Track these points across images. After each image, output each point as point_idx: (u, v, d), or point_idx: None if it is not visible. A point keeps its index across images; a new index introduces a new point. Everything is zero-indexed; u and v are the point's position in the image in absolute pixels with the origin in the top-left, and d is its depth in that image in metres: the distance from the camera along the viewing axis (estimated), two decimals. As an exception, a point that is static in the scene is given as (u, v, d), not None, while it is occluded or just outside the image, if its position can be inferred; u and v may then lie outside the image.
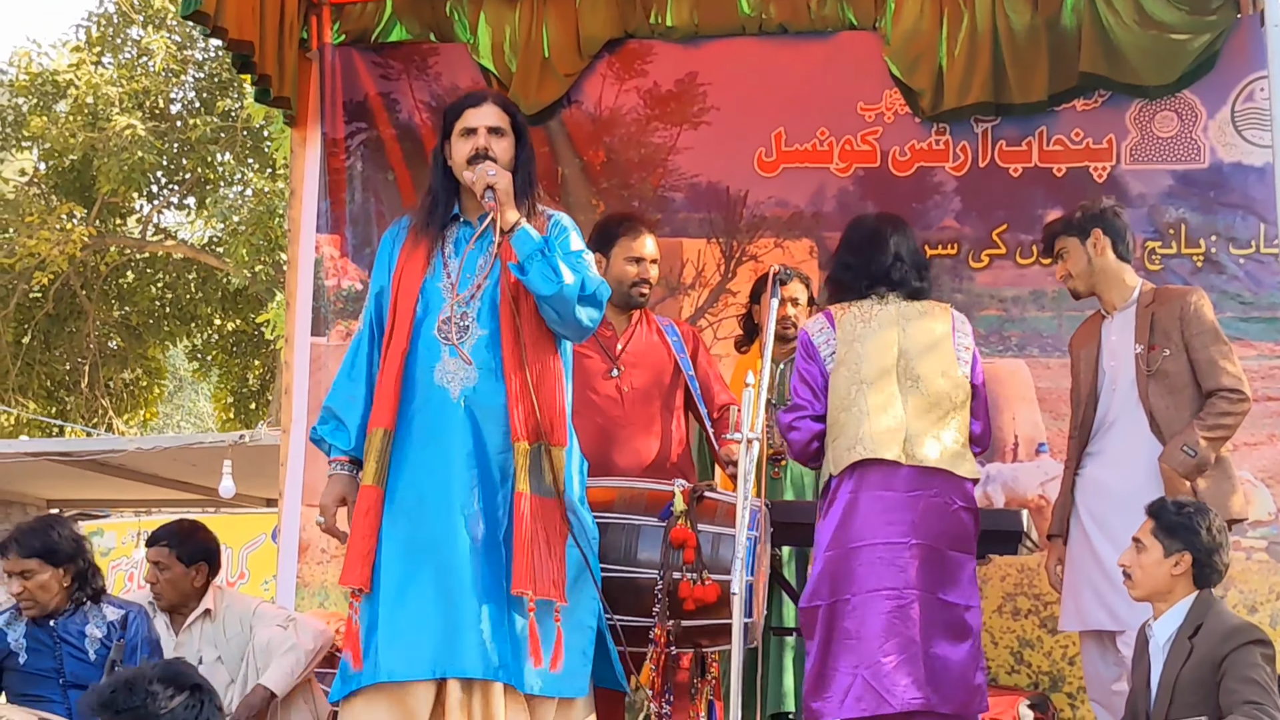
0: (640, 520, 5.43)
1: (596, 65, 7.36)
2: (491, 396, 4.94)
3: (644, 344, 5.99)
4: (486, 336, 4.95)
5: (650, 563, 5.36)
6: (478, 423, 4.94)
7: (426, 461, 4.94)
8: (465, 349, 4.93)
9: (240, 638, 6.10)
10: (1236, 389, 5.57)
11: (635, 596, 5.36)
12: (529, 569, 4.85)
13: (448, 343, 4.93)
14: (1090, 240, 5.77)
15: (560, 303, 4.88)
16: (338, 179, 7.46)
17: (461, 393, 4.94)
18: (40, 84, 19.99)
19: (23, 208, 18.93)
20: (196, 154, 19.71)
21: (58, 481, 12.39)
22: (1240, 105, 6.84)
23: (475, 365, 4.92)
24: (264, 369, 20.33)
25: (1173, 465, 5.55)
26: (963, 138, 7.07)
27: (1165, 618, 4.95)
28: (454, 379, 4.94)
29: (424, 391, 4.97)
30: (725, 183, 7.24)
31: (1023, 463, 6.89)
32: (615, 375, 5.92)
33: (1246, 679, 4.67)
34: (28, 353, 19.77)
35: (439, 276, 4.99)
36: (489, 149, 5.00)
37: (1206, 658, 4.77)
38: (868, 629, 5.11)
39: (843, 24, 7.17)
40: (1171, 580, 4.93)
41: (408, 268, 5.04)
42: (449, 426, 4.95)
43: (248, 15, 6.76)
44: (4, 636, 5.72)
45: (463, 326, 4.95)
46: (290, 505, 7.38)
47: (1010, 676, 6.83)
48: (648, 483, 5.60)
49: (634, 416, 5.87)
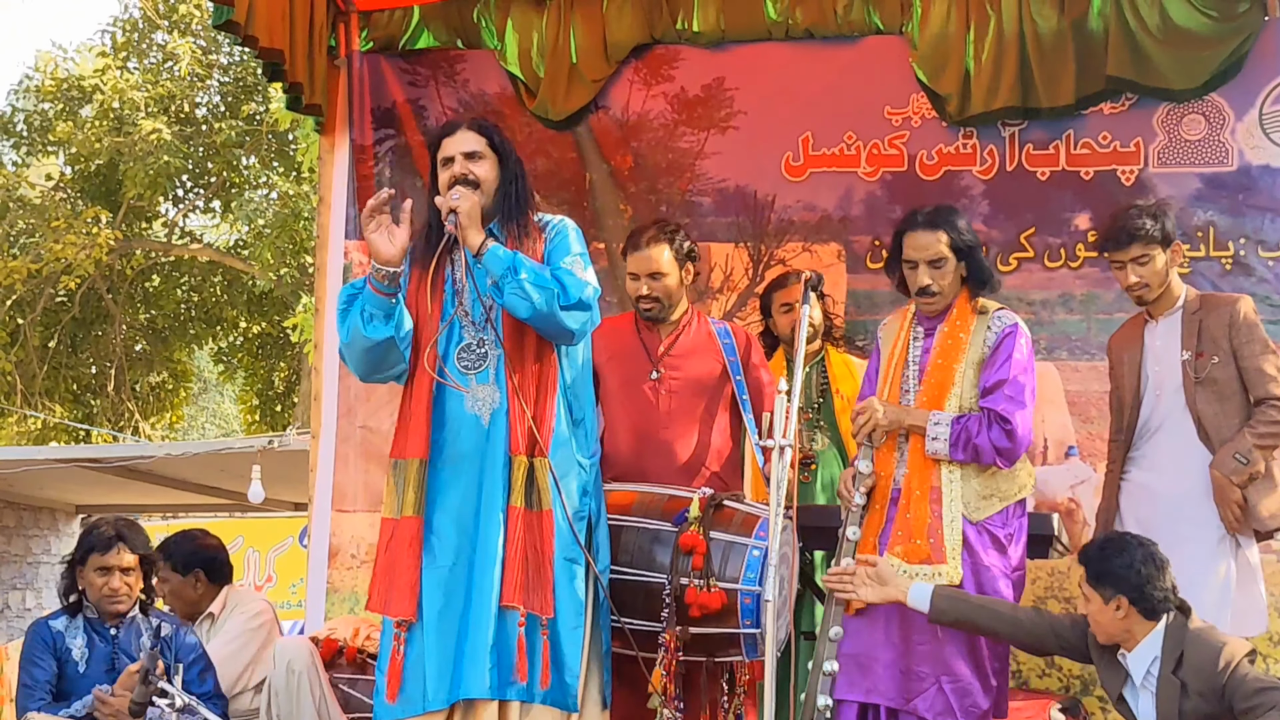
0: (655, 525, 5.43)
1: (624, 71, 7.36)
2: (507, 416, 4.99)
3: (690, 346, 5.94)
4: (501, 356, 5.00)
5: (663, 567, 5.37)
6: (503, 441, 5.00)
7: (468, 489, 5.00)
8: (490, 375, 4.98)
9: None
10: None
11: (646, 600, 5.37)
12: (518, 584, 4.90)
13: (472, 370, 4.99)
14: (1171, 250, 5.75)
15: (539, 320, 4.94)
16: (366, 185, 7.46)
17: (491, 415, 4.98)
18: (66, 89, 20.06)
19: (49, 212, 18.98)
20: (222, 158, 19.76)
21: (87, 487, 12.42)
22: (1269, 108, 6.83)
23: (498, 386, 4.97)
24: (289, 371, 20.37)
25: (1225, 472, 5.56)
26: (990, 141, 7.06)
27: (1138, 651, 4.94)
28: (484, 405, 5.00)
29: (456, 420, 5.02)
30: (753, 187, 7.23)
31: (1052, 466, 6.88)
32: (655, 377, 5.89)
33: (1256, 690, 4.69)
34: (54, 357, 19.84)
35: (454, 303, 5.04)
36: (467, 174, 5.05)
37: (1206, 691, 4.79)
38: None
39: (869, 29, 7.18)
40: (1121, 623, 4.93)
41: (423, 296, 5.10)
42: (483, 450, 5.01)
43: (278, 24, 6.78)
44: (63, 640, 5.74)
45: (481, 353, 5.00)
46: (320, 511, 7.40)
47: (1041, 680, 6.82)
48: (670, 489, 5.59)
49: (671, 420, 5.84)
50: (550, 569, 4.96)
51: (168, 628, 5.84)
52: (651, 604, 5.34)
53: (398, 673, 4.95)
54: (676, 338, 6.00)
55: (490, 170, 5.10)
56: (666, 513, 5.45)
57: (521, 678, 4.88)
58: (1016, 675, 6.86)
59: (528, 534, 4.94)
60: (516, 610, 4.88)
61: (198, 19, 19.50)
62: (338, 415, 7.39)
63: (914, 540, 5.07)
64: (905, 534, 5.09)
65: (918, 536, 5.06)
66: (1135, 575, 4.87)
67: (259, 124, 19.12)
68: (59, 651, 5.71)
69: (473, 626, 4.89)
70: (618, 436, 5.93)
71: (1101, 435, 6.29)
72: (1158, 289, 5.80)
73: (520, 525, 4.94)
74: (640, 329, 5.99)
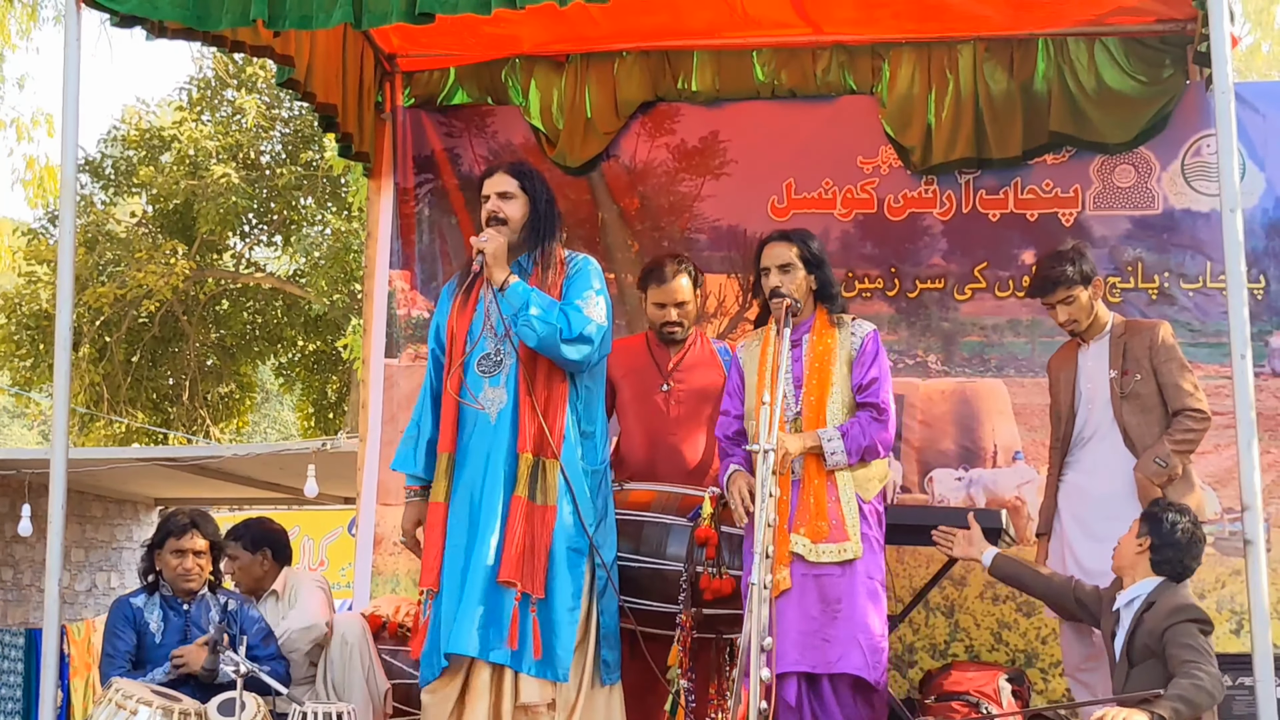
0: (671, 520, 5.45)
1: (632, 124, 7.36)
2: (515, 417, 5.02)
3: (695, 361, 6.02)
4: (514, 365, 5.05)
5: (677, 557, 5.40)
6: (506, 439, 5.07)
7: (476, 476, 5.10)
8: (502, 379, 5.05)
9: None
10: (1199, 409, 5.65)
11: (662, 585, 5.40)
12: (515, 562, 4.93)
13: (487, 375, 5.06)
14: (1092, 288, 5.82)
15: (543, 349, 5.06)
16: (408, 223, 7.48)
17: (499, 414, 5.03)
18: (148, 138, 20.08)
19: (133, 245, 19.00)
20: (283, 199, 19.79)
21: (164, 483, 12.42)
22: (1189, 159, 6.84)
23: (506, 390, 5.03)
24: (340, 384, 20.35)
25: (1146, 474, 5.60)
26: (948, 188, 7.07)
27: (1127, 591, 5.05)
28: (493, 404, 5.07)
29: (473, 418, 5.13)
30: (743, 226, 7.22)
31: (1001, 468, 6.88)
32: (666, 390, 5.95)
33: (1185, 645, 4.74)
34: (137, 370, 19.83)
35: (481, 319, 5.11)
36: (498, 211, 5.13)
37: (1153, 630, 4.85)
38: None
39: (844, 89, 7.17)
40: (1135, 557, 5.05)
41: (459, 318, 5.24)
42: (491, 444, 5.10)
43: (332, 82, 6.79)
44: (142, 615, 5.74)
45: (497, 361, 5.10)
46: (366, 504, 7.40)
47: (991, 654, 6.82)
48: (685, 488, 5.64)
49: (679, 427, 5.90)
50: (546, 557, 5.02)
51: (233, 603, 5.85)
52: (668, 588, 5.39)
53: (421, 638, 5.10)
54: (684, 355, 6.05)
55: (519, 209, 5.18)
56: (682, 510, 5.48)
57: (511, 645, 4.93)
58: (970, 649, 6.87)
59: (528, 523, 5.00)
60: (513, 587, 4.92)
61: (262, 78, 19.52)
62: (382, 421, 7.39)
63: (816, 522, 5.11)
64: (808, 516, 5.11)
65: (819, 519, 5.12)
66: (1170, 532, 5.00)
67: (315, 169, 19.14)
68: (138, 625, 5.72)
69: (467, 595, 4.95)
70: (633, 441, 5.97)
71: (1044, 442, 6.30)
72: (1086, 321, 5.87)
73: (522, 514, 5.01)
74: (652, 347, 6.06)
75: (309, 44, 6.47)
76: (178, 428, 19.91)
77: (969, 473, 6.89)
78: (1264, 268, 6.74)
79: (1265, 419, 6.57)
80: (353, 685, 5.91)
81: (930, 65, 7.01)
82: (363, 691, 5.94)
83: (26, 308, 19.35)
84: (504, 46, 7.30)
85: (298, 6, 5.24)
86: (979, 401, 6.95)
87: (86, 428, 19.85)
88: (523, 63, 7.40)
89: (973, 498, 6.84)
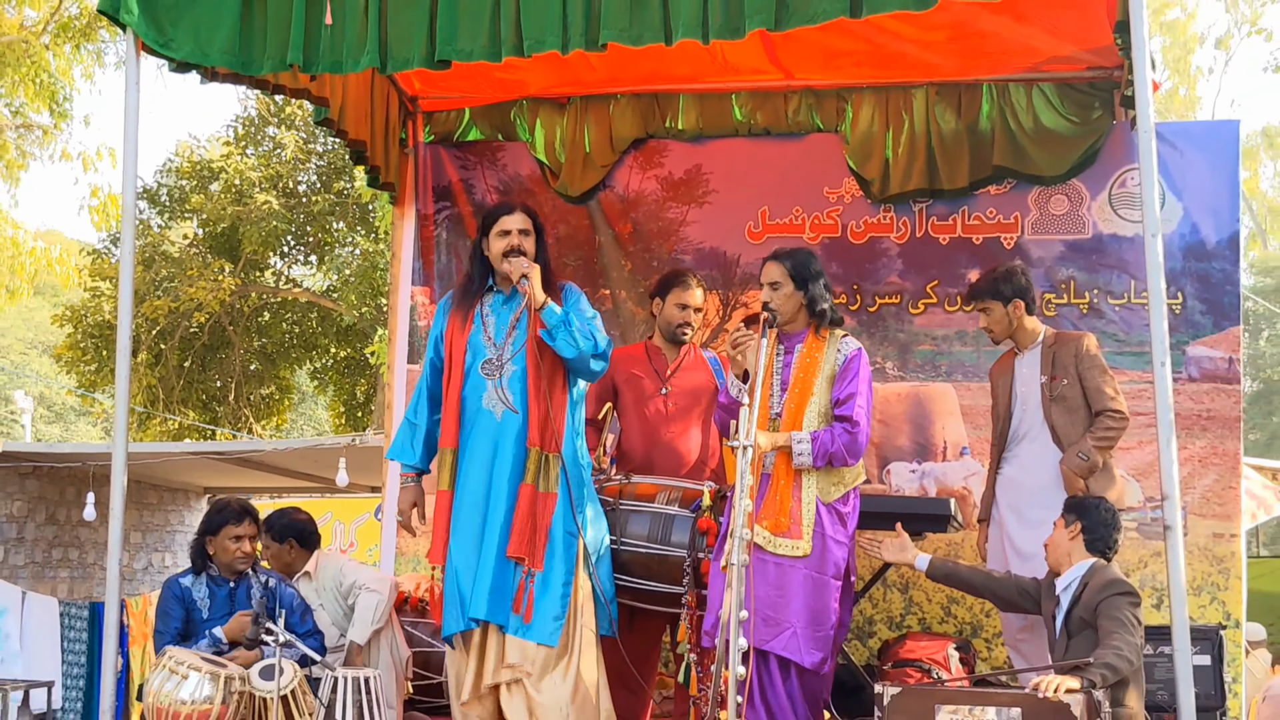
0: (674, 511, 5.45)
1: (625, 159, 7.36)
2: (522, 415, 5.06)
3: (689, 369, 6.05)
4: (518, 372, 5.09)
5: (680, 544, 5.40)
6: (512, 434, 5.12)
7: (481, 467, 5.15)
8: (505, 382, 5.11)
9: (334, 591, 6.13)
10: (1118, 410, 5.66)
11: (667, 569, 5.40)
12: (522, 542, 4.98)
13: (491, 378, 5.10)
14: (1011, 306, 5.84)
15: (578, 360, 5.14)
16: (428, 245, 7.48)
17: (504, 414, 5.09)
18: (199, 169, 20.05)
19: (185, 264, 18.98)
20: (317, 223, 19.75)
21: (212, 474, 12.40)
22: (1116, 190, 6.86)
23: (511, 393, 5.07)
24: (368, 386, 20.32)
25: (1071, 467, 5.61)
26: (904, 215, 7.07)
27: (1065, 575, 5.03)
28: (498, 404, 5.13)
29: (475, 415, 5.20)
30: (723, 248, 7.23)
31: (950, 462, 6.89)
32: (664, 393, 5.98)
33: (1112, 618, 4.76)
34: (188, 374, 19.80)
35: (480, 331, 5.16)
36: (520, 245, 5.16)
37: (1088, 604, 4.86)
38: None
39: (812, 128, 7.18)
40: (1069, 544, 5.03)
41: (457, 329, 5.28)
42: (496, 439, 5.15)
43: (362, 120, 6.80)
44: (191, 593, 5.73)
45: (499, 366, 5.12)
46: (391, 493, 7.36)
47: (941, 625, 6.82)
48: (685, 482, 5.64)
49: (676, 427, 5.94)
50: (545, 537, 5.07)
51: (273, 582, 5.84)
52: (672, 571, 5.40)
53: (437, 605, 5.23)
54: (680, 361, 6.08)
55: (532, 245, 5.26)
56: (685, 502, 5.48)
57: (515, 611, 5.04)
58: (922, 621, 6.87)
59: (532, 507, 5.08)
60: (521, 562, 4.97)
61: (300, 116, 19.51)
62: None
63: (778, 517, 5.08)
64: (772, 510, 5.09)
65: (781, 515, 5.09)
66: (1097, 515, 5.02)
67: (346, 197, 19.12)
68: (187, 602, 5.71)
69: (481, 569, 5.02)
70: (634, 439, 5.99)
71: (988, 439, 6.30)
72: (1001, 333, 5.96)
73: (528, 499, 5.07)
74: (650, 356, 6.10)
75: (341, 87, 6.47)
76: (224, 425, 19.89)
77: (922, 466, 6.91)
78: (1181, 285, 6.75)
79: (1182, 418, 6.58)
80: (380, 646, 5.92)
81: (888, 107, 7.02)
82: (387, 658, 5.94)
83: (91, 319, 19.33)
84: (513, 89, 7.31)
85: (330, 53, 5.22)
86: (930, 403, 6.96)
87: (144, 425, 19.82)
88: (529, 104, 7.41)
89: (925, 488, 6.85)
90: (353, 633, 5.94)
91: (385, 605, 6.00)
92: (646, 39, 4.95)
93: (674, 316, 6.08)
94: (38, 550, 11.31)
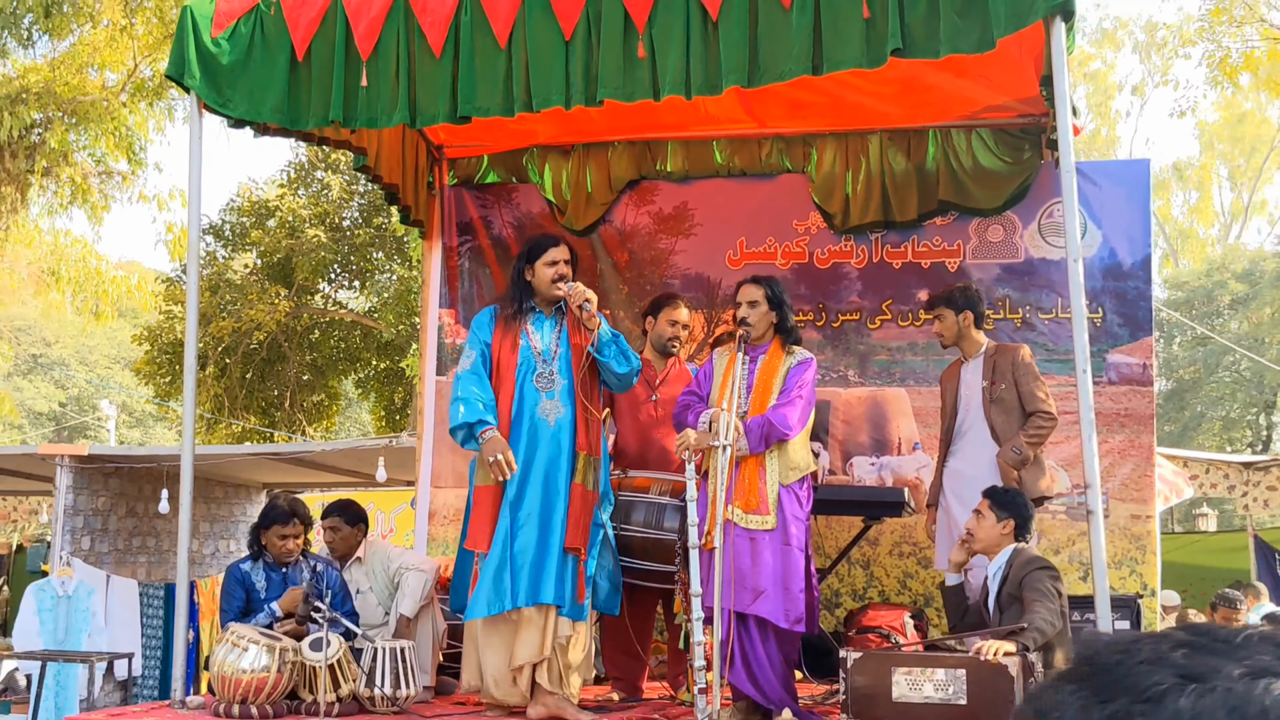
0: (665, 500, 5.46)
1: (622, 197, 7.38)
2: (572, 424, 5.02)
3: (675, 379, 6.06)
4: (566, 385, 5.05)
5: (672, 529, 5.41)
6: (564, 441, 5.04)
7: (540, 470, 5.05)
8: (558, 394, 5.04)
9: (383, 574, 6.11)
10: (1048, 412, 5.66)
11: (660, 550, 5.41)
12: (579, 534, 4.94)
13: (544, 390, 5.04)
14: (961, 315, 5.84)
15: (627, 374, 5.14)
16: (453, 273, 7.49)
17: (556, 421, 5.03)
18: (257, 208, 20.05)
19: (246, 290, 18.97)
20: (360, 253, 19.74)
21: (270, 471, 12.39)
22: (1044, 220, 6.87)
23: (562, 404, 5.02)
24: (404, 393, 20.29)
25: (1006, 460, 5.62)
26: (862, 243, 7.09)
27: (995, 561, 5.00)
28: (551, 414, 5.05)
29: (531, 423, 5.08)
30: (707, 273, 7.25)
31: (904, 456, 6.90)
32: (654, 399, 5.97)
33: (1034, 589, 4.76)
34: (249, 384, 19.77)
35: (528, 346, 5.09)
36: (568, 275, 5.14)
37: (1014, 579, 4.85)
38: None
39: (782, 169, 7.21)
40: (1000, 538, 4.99)
41: (506, 343, 5.17)
42: (550, 445, 5.07)
43: (395, 166, 6.82)
44: (250, 577, 5.71)
45: (549, 379, 5.06)
46: (423, 487, 7.41)
47: (898, 597, 6.82)
48: (674, 475, 5.64)
49: (664, 428, 5.92)
50: (589, 529, 5.03)
51: (320, 566, 5.83)
52: (665, 553, 5.40)
53: (473, 585, 5.08)
54: (667, 373, 6.07)
55: (572, 274, 5.19)
56: (675, 493, 5.49)
57: (579, 598, 5.01)
58: (881, 593, 6.87)
59: (582, 503, 5.01)
60: (577, 553, 4.94)
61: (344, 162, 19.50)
62: (434, 424, 7.39)
63: (748, 496, 5.07)
64: (742, 491, 5.08)
65: (750, 495, 5.08)
66: (1026, 511, 5.01)
67: (385, 231, 19.11)
68: (247, 584, 5.70)
69: (548, 560, 4.96)
70: (628, 438, 6.00)
71: (937, 435, 6.31)
72: (950, 339, 5.94)
73: (579, 498, 5.00)
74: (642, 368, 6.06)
75: (376, 138, 6.50)
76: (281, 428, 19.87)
77: (880, 459, 6.91)
78: (1101, 301, 6.76)
79: (1103, 416, 6.59)
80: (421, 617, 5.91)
81: (847, 150, 7.04)
82: (428, 630, 5.93)
83: (165, 338, 19.30)
84: (525, 139, 7.34)
85: (366, 111, 5.24)
86: (887, 405, 6.97)
87: (212, 429, 19.80)
88: (539, 151, 7.43)
89: (883, 479, 6.85)
90: (402, 606, 5.93)
91: (431, 584, 6.00)
92: (638, 96, 4.97)
93: (665, 332, 6.10)
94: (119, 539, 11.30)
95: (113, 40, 15.19)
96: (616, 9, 4.95)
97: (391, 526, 13.72)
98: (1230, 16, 14.67)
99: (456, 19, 5.12)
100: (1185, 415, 25.93)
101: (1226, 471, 12.06)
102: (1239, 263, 27.30)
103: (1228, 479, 11.99)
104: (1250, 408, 26.10)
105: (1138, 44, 35.19)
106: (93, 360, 37.20)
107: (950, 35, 4.64)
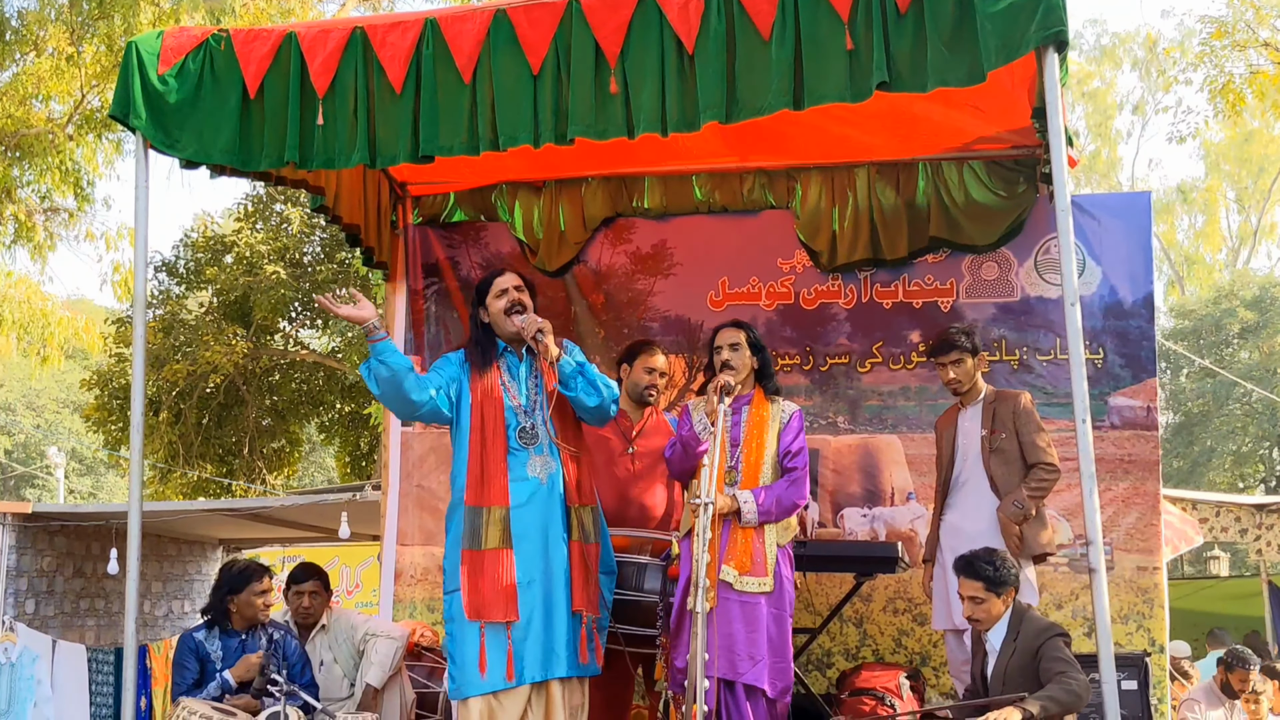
0: (646, 560, 5.43)
1: (597, 236, 7.37)
2: (562, 477, 4.98)
3: (652, 428, 6.03)
4: (549, 438, 5.01)
5: (652, 590, 5.37)
6: (558, 498, 5.02)
7: (538, 532, 4.98)
8: (544, 449, 5.00)
9: (348, 644, 6.06)
10: (1051, 463, 5.66)
11: (640, 613, 5.37)
12: (582, 595, 4.90)
13: (529, 446, 4.98)
14: (977, 359, 5.87)
15: (602, 405, 5.05)
16: (418, 317, 7.47)
17: (549, 478, 4.98)
18: (213, 243, 20.03)
19: (201, 329, 18.91)
20: (322, 290, 19.69)
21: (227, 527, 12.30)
22: (1041, 257, 6.89)
23: (551, 458, 4.98)
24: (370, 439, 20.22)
25: (1007, 515, 5.61)
26: (850, 282, 7.10)
27: (996, 629, 4.98)
28: (542, 470, 5.00)
29: (522, 481, 5.00)
30: (687, 315, 7.24)
31: (898, 507, 6.88)
32: (630, 453, 5.94)
33: (1056, 658, 4.73)
34: (206, 430, 19.67)
35: (509, 397, 5.04)
36: (519, 300, 5.09)
37: (1026, 650, 4.82)
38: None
39: (766, 205, 7.20)
40: (1004, 609, 4.97)
41: (485, 395, 5.06)
42: (545, 502, 5.01)
43: (356, 206, 6.80)
44: (205, 647, 5.66)
45: (533, 434, 5.01)
46: (389, 546, 7.34)
47: (893, 655, 6.79)
48: (654, 534, 5.62)
49: (643, 484, 5.90)
50: (597, 584, 4.99)
51: (278, 635, 5.78)
52: (645, 616, 5.35)
53: (484, 658, 4.88)
54: (644, 423, 6.05)
55: (529, 300, 5.15)
56: (655, 552, 5.46)
57: (582, 659, 4.94)
58: (875, 652, 6.84)
59: (583, 559, 4.96)
60: (581, 614, 4.89)
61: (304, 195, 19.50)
62: (400, 477, 7.35)
63: (743, 558, 5.08)
64: (737, 553, 5.08)
65: (745, 556, 5.08)
66: (1015, 573, 4.98)
67: (348, 267, 19.07)
68: (200, 654, 5.65)
69: (557, 626, 4.91)
70: (605, 496, 5.93)
71: (932, 485, 6.29)
72: (968, 384, 5.88)
73: (578, 554, 4.96)
74: (617, 418, 6.01)
75: (335, 178, 6.47)
76: (240, 477, 19.76)
77: (872, 510, 6.89)
78: (1102, 342, 6.78)
79: (1107, 463, 6.60)
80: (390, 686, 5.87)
81: (834, 185, 7.05)
82: (396, 700, 5.88)
83: (116, 383, 19.22)
84: (493, 174, 7.32)
85: (323, 151, 5.20)
86: (879, 453, 6.95)
87: (166, 478, 19.68)
88: (509, 187, 7.42)
89: (875, 531, 6.83)
90: (369, 675, 5.88)
91: (401, 652, 5.97)
92: (610, 133, 4.96)
93: (641, 379, 6.09)
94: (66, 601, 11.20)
95: (59, 70, 15.18)
96: (587, 41, 4.94)
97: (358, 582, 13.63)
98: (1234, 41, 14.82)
99: (418, 53, 5.11)
100: (1194, 450, 25.98)
101: (1238, 514, 12.09)
102: (1248, 289, 27.45)
103: (1239, 521, 12.01)
104: (1263, 441, 26.16)
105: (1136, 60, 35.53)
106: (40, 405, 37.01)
107: (938, 67, 4.65)
